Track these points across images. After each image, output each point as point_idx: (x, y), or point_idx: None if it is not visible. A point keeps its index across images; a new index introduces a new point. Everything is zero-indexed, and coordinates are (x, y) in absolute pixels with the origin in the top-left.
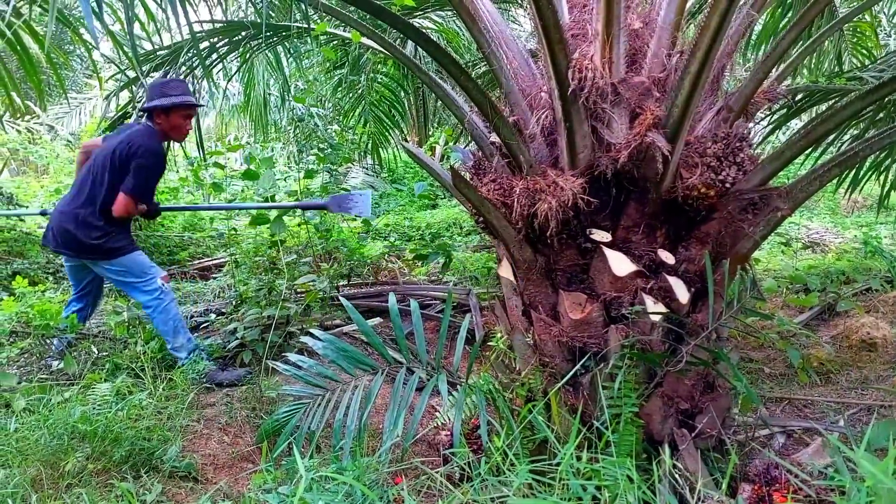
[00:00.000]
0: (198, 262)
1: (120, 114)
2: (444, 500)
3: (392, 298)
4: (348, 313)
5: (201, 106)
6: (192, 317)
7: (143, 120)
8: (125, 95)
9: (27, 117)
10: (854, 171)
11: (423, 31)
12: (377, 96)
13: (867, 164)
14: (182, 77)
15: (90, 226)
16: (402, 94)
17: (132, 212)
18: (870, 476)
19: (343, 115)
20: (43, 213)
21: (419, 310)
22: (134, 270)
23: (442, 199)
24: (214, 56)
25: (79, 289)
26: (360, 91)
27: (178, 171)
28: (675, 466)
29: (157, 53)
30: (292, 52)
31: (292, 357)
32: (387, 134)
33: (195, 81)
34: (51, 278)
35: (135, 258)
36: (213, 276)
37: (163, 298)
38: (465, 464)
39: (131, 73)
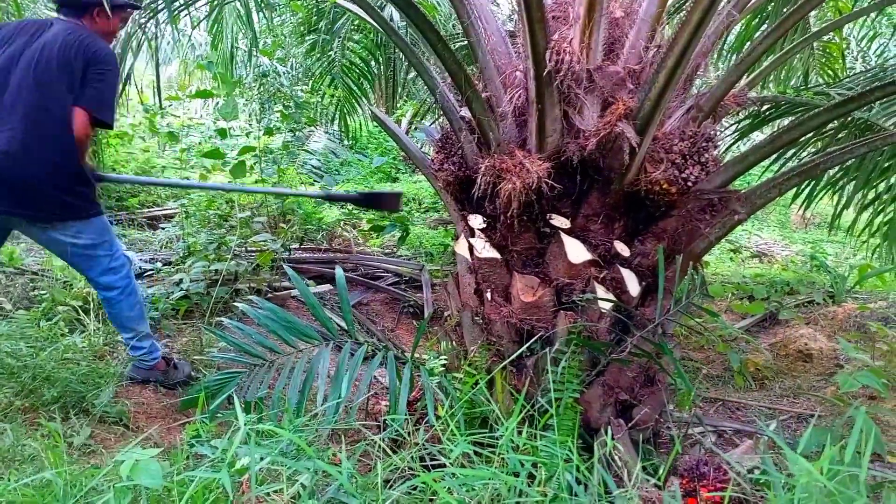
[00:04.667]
0: (147, 210)
1: None
2: (382, 464)
3: (339, 271)
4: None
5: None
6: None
7: (62, 18)
8: None
9: None
10: (810, 188)
11: None
12: (348, 63)
13: (823, 181)
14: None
15: (67, 168)
16: (374, 63)
17: (88, 137)
18: (804, 474)
19: (313, 80)
20: None
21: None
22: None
23: (403, 173)
24: (182, 1)
25: None
26: (331, 56)
27: (133, 116)
28: (612, 451)
29: None
30: (264, 4)
31: (229, 323)
32: (354, 102)
33: (159, 27)
34: None
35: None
36: (162, 226)
37: (131, 278)
38: (405, 432)
39: None
